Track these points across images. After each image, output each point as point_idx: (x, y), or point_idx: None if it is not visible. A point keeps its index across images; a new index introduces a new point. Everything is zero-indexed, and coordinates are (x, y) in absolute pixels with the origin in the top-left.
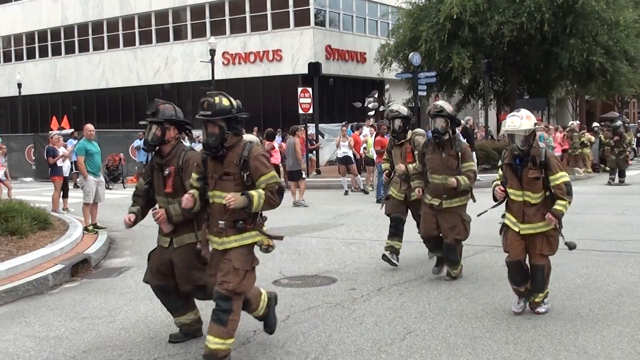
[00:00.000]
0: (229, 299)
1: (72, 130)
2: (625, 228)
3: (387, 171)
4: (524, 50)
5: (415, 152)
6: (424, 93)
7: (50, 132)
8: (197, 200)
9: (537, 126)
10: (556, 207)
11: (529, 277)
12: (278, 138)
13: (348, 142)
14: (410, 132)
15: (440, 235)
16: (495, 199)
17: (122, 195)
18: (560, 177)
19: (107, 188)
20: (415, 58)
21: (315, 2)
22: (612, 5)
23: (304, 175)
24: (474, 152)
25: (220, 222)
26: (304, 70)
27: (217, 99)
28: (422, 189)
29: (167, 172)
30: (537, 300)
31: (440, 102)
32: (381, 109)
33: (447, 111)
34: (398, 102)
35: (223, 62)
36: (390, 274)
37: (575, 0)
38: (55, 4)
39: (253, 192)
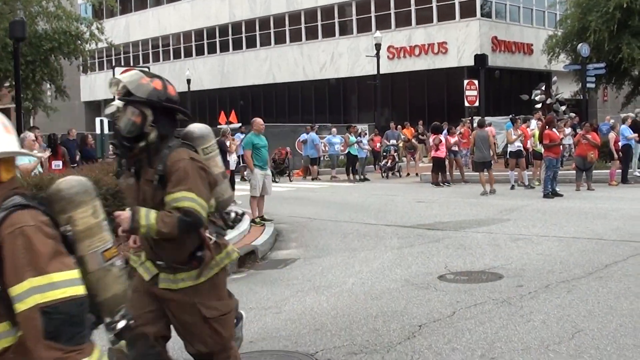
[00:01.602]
0: None
1: (240, 124)
2: None
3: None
4: None
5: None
6: (593, 85)
7: (219, 125)
8: None
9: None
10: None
11: None
12: (444, 130)
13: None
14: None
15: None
16: None
17: (288, 189)
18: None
19: (274, 181)
20: (584, 49)
21: None
22: None
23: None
24: None
25: None
26: (470, 62)
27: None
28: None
29: None
30: None
31: (126, 75)
32: (548, 101)
33: (139, 90)
34: (565, 93)
35: (388, 56)
36: (558, 271)
37: None
38: (223, 1)
39: None
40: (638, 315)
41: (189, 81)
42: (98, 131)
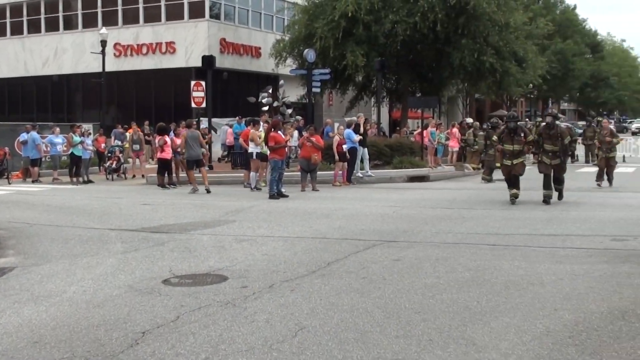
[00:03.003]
0: None
1: None
2: (512, 222)
3: None
4: (417, 49)
5: None
6: (318, 90)
7: None
8: None
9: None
10: None
11: None
12: (171, 132)
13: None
14: None
15: None
16: None
17: (6, 192)
18: None
19: None
20: (310, 54)
21: None
22: (503, 8)
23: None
24: (365, 149)
25: None
26: (198, 63)
27: None
28: None
29: None
30: None
31: None
32: (275, 104)
33: None
34: (292, 96)
35: (114, 54)
36: (282, 271)
37: (468, 1)
38: None
39: None
40: (358, 310)
41: None
42: None
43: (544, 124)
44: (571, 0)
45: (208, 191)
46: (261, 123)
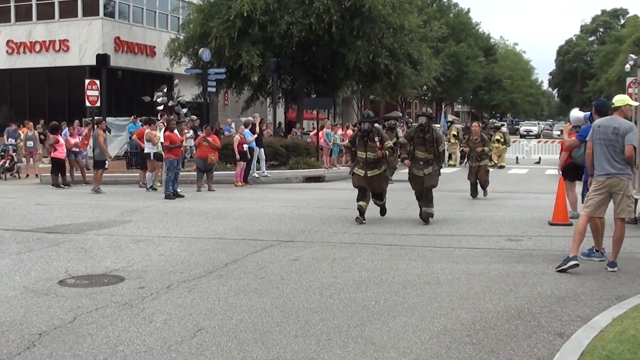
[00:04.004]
0: None
1: None
2: (409, 222)
3: None
4: (312, 50)
5: None
6: (214, 89)
7: None
8: None
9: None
10: None
11: None
12: (65, 131)
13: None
14: None
15: None
16: None
17: None
18: None
19: None
20: (205, 54)
21: None
22: (398, 10)
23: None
24: (261, 149)
25: None
26: (92, 61)
27: None
28: None
29: None
30: None
31: None
32: (170, 103)
33: None
34: (187, 96)
35: (7, 51)
36: (180, 271)
37: (363, 3)
38: None
39: None
40: (257, 310)
41: None
42: None
43: (417, 125)
44: (465, 4)
45: (96, 192)
46: (157, 123)
